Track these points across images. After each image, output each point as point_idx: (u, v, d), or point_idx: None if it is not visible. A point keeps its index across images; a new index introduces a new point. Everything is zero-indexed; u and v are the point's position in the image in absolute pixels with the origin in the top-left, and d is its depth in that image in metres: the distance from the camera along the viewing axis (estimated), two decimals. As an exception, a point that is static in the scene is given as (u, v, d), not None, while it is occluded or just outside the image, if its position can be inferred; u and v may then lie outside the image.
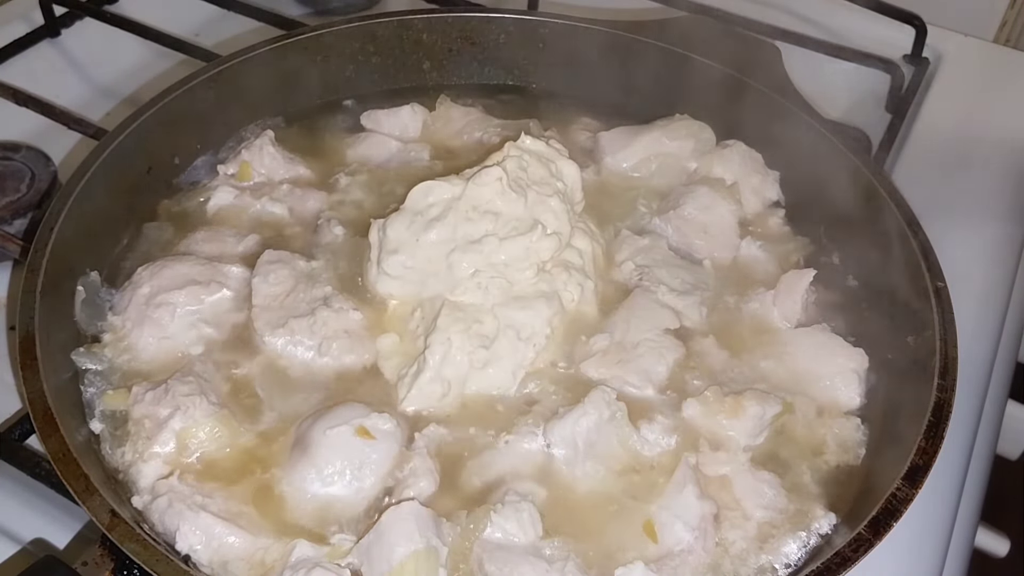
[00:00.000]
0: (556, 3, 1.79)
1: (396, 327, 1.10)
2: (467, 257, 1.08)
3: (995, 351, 1.34)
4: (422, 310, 1.10)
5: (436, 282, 1.09)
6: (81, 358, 1.05)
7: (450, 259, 1.08)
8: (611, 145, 1.35)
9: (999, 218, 1.52)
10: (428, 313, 1.08)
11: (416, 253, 1.10)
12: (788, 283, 1.17)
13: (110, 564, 0.86)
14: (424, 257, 1.10)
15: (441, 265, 1.09)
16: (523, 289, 1.09)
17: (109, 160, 1.17)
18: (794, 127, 1.30)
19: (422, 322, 1.08)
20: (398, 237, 1.11)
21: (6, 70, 1.62)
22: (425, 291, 1.10)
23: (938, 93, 1.69)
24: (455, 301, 1.07)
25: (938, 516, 1.14)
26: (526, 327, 1.07)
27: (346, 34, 1.41)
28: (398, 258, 1.10)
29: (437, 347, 1.04)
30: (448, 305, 1.07)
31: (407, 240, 1.10)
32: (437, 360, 1.03)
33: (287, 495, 0.96)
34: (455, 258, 1.08)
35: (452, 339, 1.04)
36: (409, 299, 1.11)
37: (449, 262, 1.08)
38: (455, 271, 1.08)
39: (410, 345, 1.08)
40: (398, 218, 1.11)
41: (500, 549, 0.90)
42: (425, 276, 1.10)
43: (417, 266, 1.10)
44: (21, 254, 1.20)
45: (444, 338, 1.04)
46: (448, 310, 1.06)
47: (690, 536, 0.93)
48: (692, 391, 1.06)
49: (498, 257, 1.08)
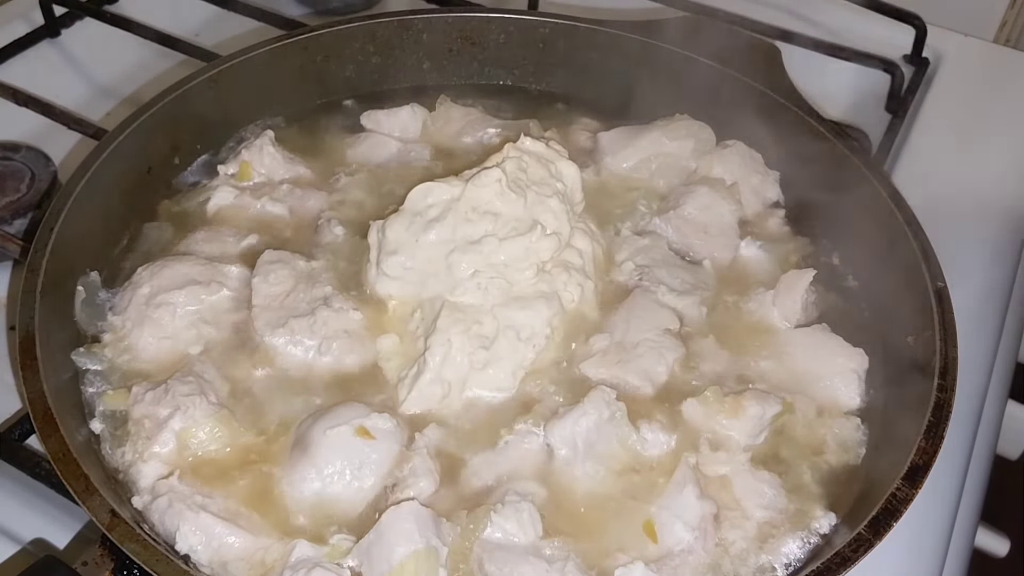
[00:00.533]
0: (556, 3, 1.79)
1: (396, 328, 1.11)
2: (466, 258, 1.08)
3: (995, 351, 1.34)
4: (422, 311, 1.10)
5: (436, 283, 1.09)
6: (81, 358, 1.05)
7: (449, 260, 1.08)
8: (611, 145, 1.34)
9: (999, 218, 1.52)
10: (428, 314, 1.08)
11: (415, 254, 1.10)
12: (788, 283, 1.17)
13: (110, 564, 0.86)
14: (423, 258, 1.10)
15: (440, 266, 1.09)
16: (523, 289, 1.09)
17: (109, 160, 1.17)
18: (794, 127, 1.30)
19: (422, 323, 1.08)
20: (397, 238, 1.11)
21: (6, 70, 1.62)
22: (425, 292, 1.10)
23: (938, 93, 1.69)
24: (455, 302, 1.07)
25: (938, 516, 1.14)
26: (526, 328, 1.07)
27: (346, 34, 1.41)
28: (397, 259, 1.10)
29: (437, 348, 1.04)
30: (448, 306, 1.07)
31: (406, 241, 1.10)
32: (437, 361, 1.04)
33: (287, 495, 0.96)
34: (454, 259, 1.08)
35: (452, 340, 1.04)
36: (409, 300, 1.11)
37: (448, 263, 1.08)
38: (454, 272, 1.08)
39: (410, 346, 1.08)
40: (397, 219, 1.11)
41: (500, 549, 0.90)
42: (425, 277, 1.10)
43: (416, 267, 1.10)
44: (21, 254, 1.20)
45: (444, 339, 1.04)
46: (448, 311, 1.06)
47: (690, 536, 0.93)
48: (692, 391, 1.06)
49: (497, 258, 1.08)
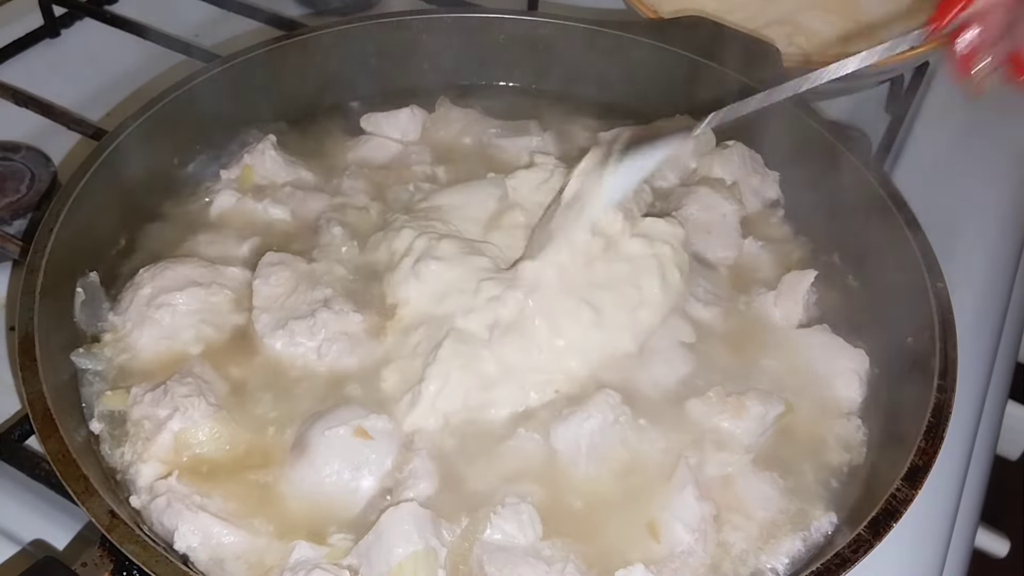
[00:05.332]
0: (556, 3, 1.79)
1: (397, 336, 1.09)
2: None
3: (995, 351, 1.34)
4: (427, 328, 1.07)
5: (452, 301, 1.08)
6: (81, 358, 1.05)
7: (481, 284, 1.08)
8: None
9: (999, 218, 1.52)
10: (432, 334, 1.06)
11: (455, 268, 1.10)
12: (789, 284, 1.17)
13: (109, 565, 0.85)
14: (458, 275, 1.09)
15: (469, 285, 1.08)
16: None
17: (109, 160, 1.16)
18: (794, 127, 1.30)
19: (424, 340, 1.06)
20: (449, 251, 1.11)
21: (6, 70, 1.62)
22: (439, 307, 1.09)
23: (938, 94, 1.69)
24: (461, 329, 1.05)
25: (938, 516, 1.14)
26: (533, 383, 1.05)
27: (346, 34, 1.40)
28: (436, 265, 1.10)
29: (435, 380, 1.02)
30: (453, 335, 1.05)
31: (454, 255, 1.11)
32: (432, 392, 1.01)
33: (286, 496, 0.96)
34: (486, 285, 1.07)
35: (451, 374, 1.02)
36: (420, 311, 1.10)
37: (478, 287, 1.08)
38: (478, 295, 1.07)
39: (408, 363, 1.06)
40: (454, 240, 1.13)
41: (500, 550, 0.90)
42: (448, 291, 1.09)
43: (448, 279, 1.09)
44: (21, 254, 1.20)
45: (443, 372, 1.02)
46: (452, 342, 1.04)
47: (690, 537, 0.93)
48: (695, 391, 1.06)
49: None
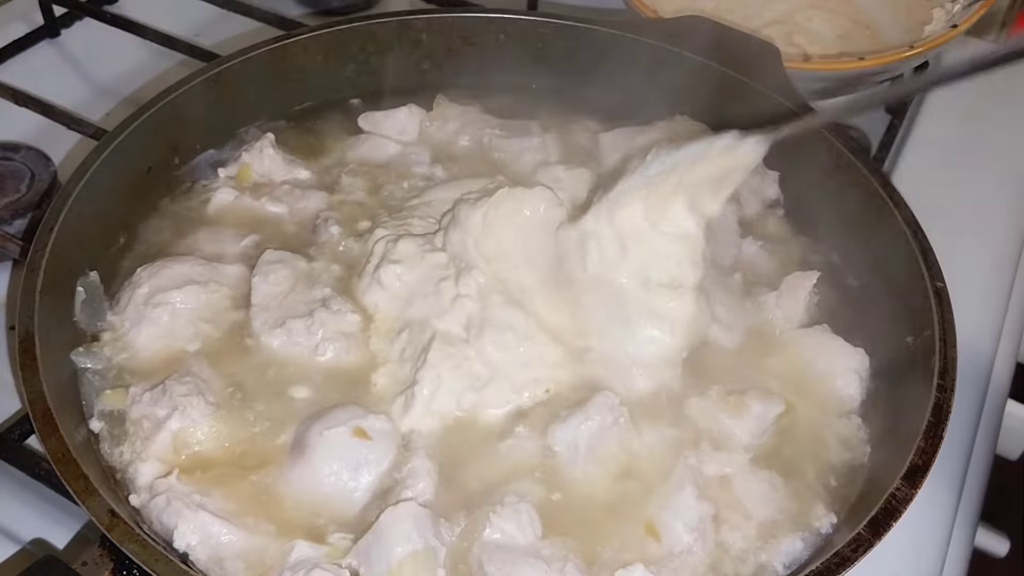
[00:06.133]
0: (556, 3, 1.79)
1: (381, 342, 1.08)
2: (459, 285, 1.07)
3: (995, 351, 1.34)
4: (409, 332, 1.07)
5: (421, 304, 1.08)
6: (80, 357, 1.05)
7: (440, 286, 1.08)
8: (611, 145, 1.34)
9: (999, 218, 1.52)
10: (416, 338, 1.06)
11: (416, 268, 1.10)
12: (792, 284, 1.16)
13: (109, 564, 0.85)
14: (419, 276, 1.09)
15: (430, 287, 1.08)
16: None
17: (109, 160, 1.16)
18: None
19: (409, 345, 1.06)
20: (406, 251, 1.11)
21: (6, 70, 1.62)
22: (410, 311, 1.09)
23: (938, 93, 1.69)
24: (445, 331, 1.05)
25: (938, 516, 1.14)
26: (523, 382, 1.05)
27: (346, 34, 1.40)
28: (395, 268, 1.10)
29: (427, 383, 1.02)
30: (439, 338, 1.05)
31: (412, 255, 1.10)
32: (426, 396, 1.01)
33: (285, 495, 0.96)
34: (444, 286, 1.08)
35: (442, 376, 1.02)
36: (393, 315, 1.10)
37: (438, 288, 1.08)
38: (441, 297, 1.07)
39: (397, 368, 1.06)
40: (410, 239, 1.12)
41: (499, 550, 0.90)
42: (413, 295, 1.09)
43: (409, 282, 1.09)
44: (21, 254, 1.20)
45: (434, 375, 1.02)
46: (439, 344, 1.04)
47: (689, 537, 0.93)
48: (695, 390, 1.06)
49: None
